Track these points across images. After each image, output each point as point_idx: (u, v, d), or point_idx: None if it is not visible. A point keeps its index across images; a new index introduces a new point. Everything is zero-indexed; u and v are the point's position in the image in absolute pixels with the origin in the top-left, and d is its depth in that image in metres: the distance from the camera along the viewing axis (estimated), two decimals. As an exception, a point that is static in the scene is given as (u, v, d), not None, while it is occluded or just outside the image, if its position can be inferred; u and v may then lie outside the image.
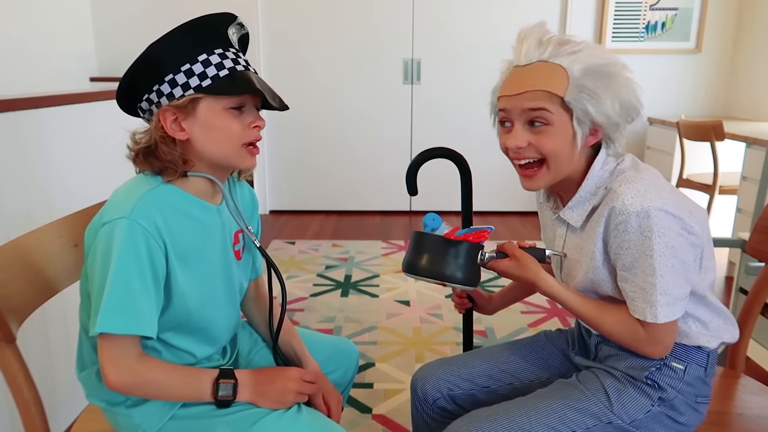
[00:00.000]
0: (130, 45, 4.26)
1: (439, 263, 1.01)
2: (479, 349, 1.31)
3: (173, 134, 0.98)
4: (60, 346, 1.79)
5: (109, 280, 0.91)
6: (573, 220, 1.06)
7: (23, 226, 1.58)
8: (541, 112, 0.97)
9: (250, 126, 1.01)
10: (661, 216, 0.94)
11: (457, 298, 1.37)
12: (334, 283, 3.11)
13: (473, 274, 1.03)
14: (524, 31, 1.02)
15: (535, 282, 1.03)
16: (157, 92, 0.98)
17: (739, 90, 4.29)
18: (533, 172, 1.02)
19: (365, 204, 4.62)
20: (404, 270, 1.06)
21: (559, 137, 0.98)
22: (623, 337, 1.02)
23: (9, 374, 0.99)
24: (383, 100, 4.43)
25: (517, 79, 1.00)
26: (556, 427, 1.02)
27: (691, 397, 1.05)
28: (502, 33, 4.27)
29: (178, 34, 0.97)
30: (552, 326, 2.61)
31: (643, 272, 0.96)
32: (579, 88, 0.96)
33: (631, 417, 1.03)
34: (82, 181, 1.95)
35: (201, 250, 1.04)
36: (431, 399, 1.23)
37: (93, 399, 1.07)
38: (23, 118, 1.66)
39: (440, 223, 1.07)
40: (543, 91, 0.97)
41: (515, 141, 1.00)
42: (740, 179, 3.10)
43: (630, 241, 0.96)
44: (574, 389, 1.08)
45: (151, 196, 0.97)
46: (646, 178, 0.99)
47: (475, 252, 1.03)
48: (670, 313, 0.97)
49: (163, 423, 1.03)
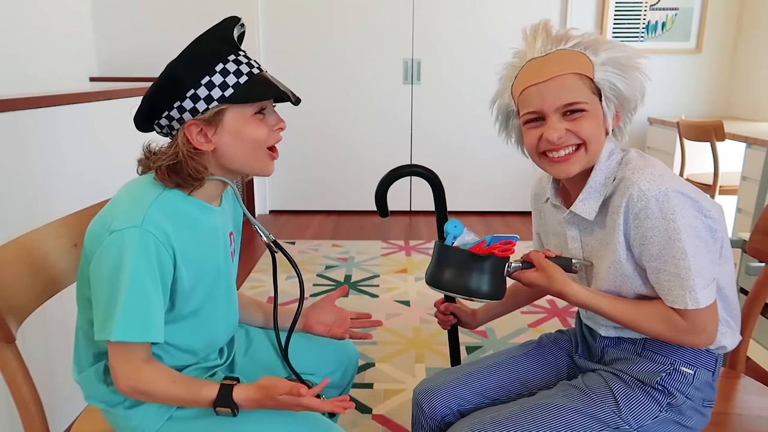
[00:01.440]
0: (130, 45, 4.27)
1: (464, 278, 0.99)
2: (483, 358, 1.27)
3: (200, 147, 0.99)
4: (60, 346, 1.79)
5: (124, 289, 0.92)
6: (585, 213, 1.04)
7: (23, 226, 1.58)
8: (578, 105, 0.97)
9: (274, 128, 1.03)
10: (679, 198, 0.93)
11: (441, 315, 1.36)
12: (334, 283, 3.11)
13: (499, 286, 1.01)
14: (534, 28, 1.02)
15: (562, 292, 0.99)
16: (178, 108, 0.97)
17: (739, 90, 4.29)
18: (569, 155, 1.00)
19: (365, 204, 4.62)
20: (428, 283, 1.03)
21: (593, 120, 0.99)
22: (665, 333, 0.98)
23: (8, 374, 0.99)
24: (383, 100, 4.43)
25: (541, 67, 0.99)
26: (561, 430, 1.01)
27: (699, 402, 1.05)
28: (502, 33, 4.27)
29: (194, 49, 0.97)
30: (552, 326, 2.60)
31: (674, 257, 0.94)
32: (605, 67, 0.98)
33: (639, 423, 1.02)
34: (82, 181, 1.95)
35: (204, 253, 1.05)
36: (440, 416, 1.17)
37: (92, 400, 1.07)
38: (23, 118, 1.65)
39: (462, 230, 1.05)
40: (574, 74, 0.97)
41: (556, 132, 0.97)
42: (740, 179, 3.10)
43: (654, 228, 0.94)
44: (580, 393, 1.06)
45: (158, 203, 0.97)
46: (657, 164, 0.99)
47: (502, 265, 1.00)
48: (709, 296, 0.95)
49: (161, 424, 1.03)
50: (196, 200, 1.04)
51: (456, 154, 4.51)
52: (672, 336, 0.98)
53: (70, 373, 1.83)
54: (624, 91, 0.99)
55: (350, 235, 4.01)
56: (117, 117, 2.20)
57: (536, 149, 1.02)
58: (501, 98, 1.08)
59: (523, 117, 1.02)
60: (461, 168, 4.52)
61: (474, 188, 4.57)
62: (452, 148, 4.50)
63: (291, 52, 4.32)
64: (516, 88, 1.03)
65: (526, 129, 1.03)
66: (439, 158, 4.52)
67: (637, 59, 1.00)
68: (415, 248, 3.71)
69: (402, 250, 3.67)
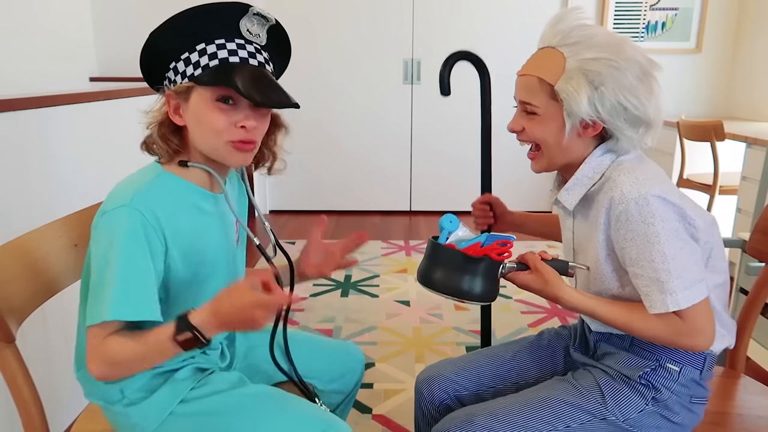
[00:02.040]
0: (130, 45, 4.25)
1: (456, 280, 0.96)
2: (484, 349, 1.30)
3: (173, 119, 1.00)
4: (60, 346, 1.79)
5: (116, 269, 0.91)
6: (567, 202, 1.06)
7: (23, 226, 1.58)
8: (528, 106, 1.03)
9: (237, 125, 0.98)
10: (659, 203, 0.93)
11: (479, 211, 1.37)
12: (334, 283, 3.11)
13: (491, 289, 0.99)
14: (557, 15, 1.04)
15: (557, 296, 0.99)
16: (167, 78, 1.01)
17: (739, 90, 4.29)
18: (533, 154, 1.08)
19: (365, 204, 4.62)
20: (419, 281, 1.01)
21: (546, 126, 1.02)
22: (662, 335, 0.98)
23: (8, 374, 0.99)
24: (383, 100, 4.43)
25: (530, 60, 1.06)
26: (551, 421, 1.03)
27: (686, 398, 1.05)
28: (502, 33, 4.27)
29: (180, 20, 0.98)
30: (552, 326, 2.60)
31: (652, 261, 0.94)
32: (569, 81, 0.97)
33: (625, 415, 1.03)
34: (82, 181, 1.95)
35: (200, 238, 1.04)
36: (438, 400, 1.22)
37: (91, 398, 1.07)
38: (23, 118, 1.65)
39: (458, 226, 1.03)
40: (536, 77, 1.01)
41: (512, 125, 1.07)
42: (740, 179, 3.10)
43: (633, 231, 0.95)
44: (568, 386, 1.08)
45: (150, 185, 0.97)
46: (647, 169, 0.99)
47: (496, 268, 0.98)
48: (690, 297, 0.94)
49: (161, 421, 1.03)
50: (192, 185, 1.03)
51: (456, 154, 4.51)
52: (669, 338, 0.98)
53: (70, 373, 1.83)
54: (575, 111, 0.97)
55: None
56: (117, 117, 2.20)
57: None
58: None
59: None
60: (461, 168, 4.52)
61: (474, 188, 4.57)
62: (452, 148, 4.50)
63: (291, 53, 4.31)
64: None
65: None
66: (438, 158, 4.52)
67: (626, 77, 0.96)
68: (415, 248, 3.71)
69: (402, 250, 3.67)
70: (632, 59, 0.97)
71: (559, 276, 1.00)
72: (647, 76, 0.98)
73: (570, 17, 1.01)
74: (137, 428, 1.03)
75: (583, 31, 0.99)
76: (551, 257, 1.02)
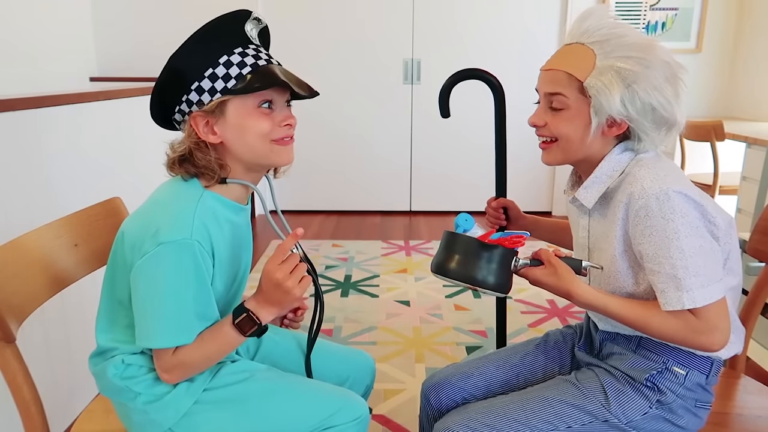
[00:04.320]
0: (130, 45, 4.26)
1: (471, 266, 0.97)
2: (490, 353, 1.28)
3: (206, 138, 0.99)
4: (60, 346, 1.79)
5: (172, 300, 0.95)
6: (586, 200, 1.05)
7: (23, 226, 1.58)
8: (557, 97, 1.00)
9: (281, 124, 1.01)
10: (681, 198, 0.92)
11: (493, 212, 1.38)
12: (334, 283, 3.11)
13: (506, 280, 0.98)
14: (585, 12, 1.03)
15: (570, 292, 0.98)
16: (186, 102, 0.98)
17: (739, 90, 4.29)
18: (546, 145, 1.06)
19: (365, 204, 4.62)
20: (433, 270, 1.02)
21: (573, 122, 1.00)
22: (678, 334, 0.95)
23: (8, 374, 0.99)
24: (383, 100, 4.43)
25: (556, 55, 1.04)
26: (551, 421, 1.02)
27: (691, 402, 1.05)
28: (502, 33, 4.27)
29: (195, 41, 0.97)
30: (552, 326, 2.60)
31: (670, 258, 0.92)
32: (599, 77, 0.96)
33: (628, 417, 1.03)
34: (82, 181, 1.95)
35: (237, 254, 1.08)
36: (444, 407, 1.20)
37: (106, 393, 1.09)
38: (23, 118, 1.65)
39: (473, 225, 1.04)
40: (565, 73, 0.99)
41: (534, 119, 1.05)
42: (740, 179, 3.10)
43: (652, 227, 0.93)
44: (571, 386, 1.08)
45: (201, 210, 0.98)
46: (667, 166, 0.98)
47: (510, 257, 0.98)
48: (707, 295, 0.93)
49: (181, 414, 1.04)
50: (228, 202, 1.04)
51: (456, 153, 4.51)
52: (684, 337, 0.96)
53: (70, 373, 1.83)
54: (606, 108, 0.96)
55: (350, 235, 4.01)
56: (117, 117, 2.20)
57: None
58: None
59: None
60: (461, 168, 4.52)
61: (474, 188, 4.57)
62: (452, 147, 4.50)
63: (291, 52, 4.32)
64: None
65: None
66: (438, 158, 4.52)
67: (656, 77, 0.96)
68: (415, 248, 3.71)
69: (402, 250, 3.67)
70: (662, 60, 0.97)
71: (572, 272, 0.99)
72: (675, 78, 0.98)
73: (598, 14, 1.00)
74: (154, 425, 1.04)
75: (614, 30, 0.98)
76: (564, 255, 1.02)
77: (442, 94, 1.40)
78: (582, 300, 0.98)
